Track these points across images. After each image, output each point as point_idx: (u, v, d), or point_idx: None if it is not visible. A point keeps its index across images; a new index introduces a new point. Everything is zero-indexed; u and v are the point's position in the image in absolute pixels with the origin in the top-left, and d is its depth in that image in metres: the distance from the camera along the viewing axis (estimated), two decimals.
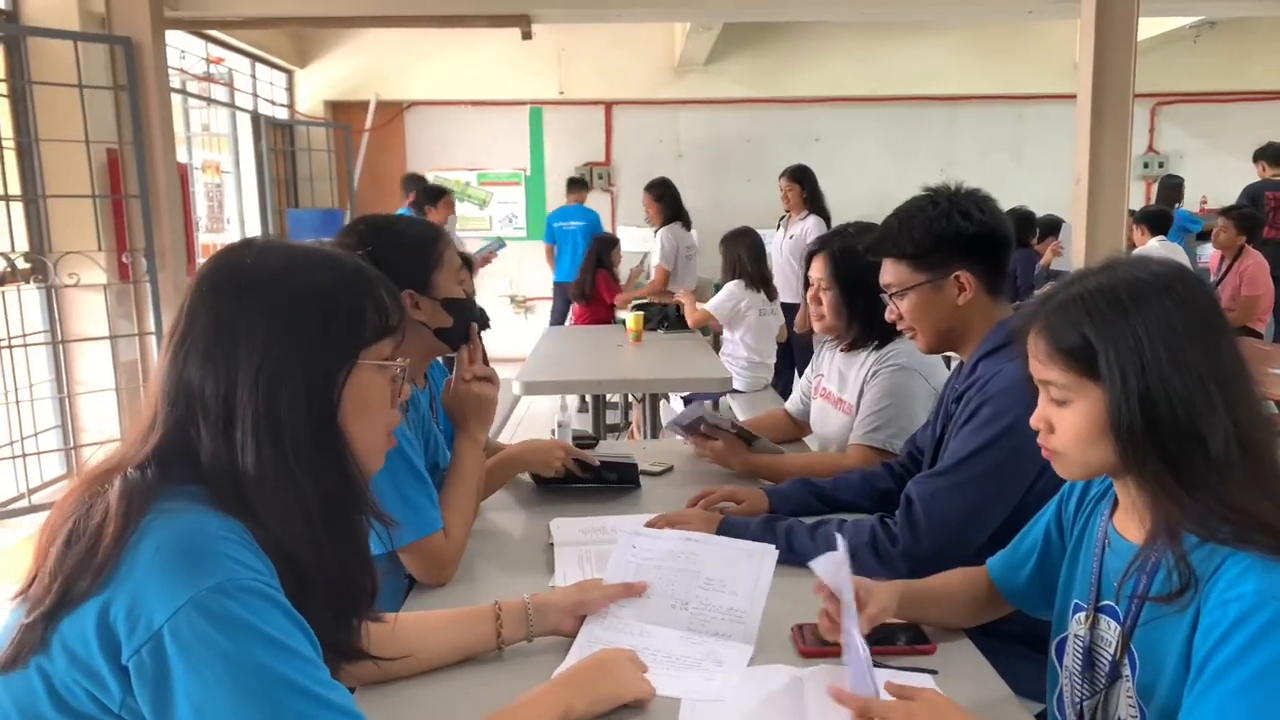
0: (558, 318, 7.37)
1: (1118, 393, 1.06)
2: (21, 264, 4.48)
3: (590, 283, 6.29)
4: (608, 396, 5.77)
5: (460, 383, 1.79)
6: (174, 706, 0.82)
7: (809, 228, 5.67)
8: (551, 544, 1.77)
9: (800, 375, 3.09)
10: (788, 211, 5.83)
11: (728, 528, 1.72)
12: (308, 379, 0.95)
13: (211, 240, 7.58)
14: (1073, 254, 5.41)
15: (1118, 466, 1.11)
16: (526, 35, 5.69)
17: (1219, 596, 1.00)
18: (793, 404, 2.71)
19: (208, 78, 7.51)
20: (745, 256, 4.93)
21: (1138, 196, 8.72)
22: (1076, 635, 1.21)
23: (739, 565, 1.40)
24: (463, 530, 1.69)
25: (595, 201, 9.03)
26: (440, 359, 1.98)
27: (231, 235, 7.91)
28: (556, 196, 9.17)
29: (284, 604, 0.87)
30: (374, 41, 8.55)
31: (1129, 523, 1.16)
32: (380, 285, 1.04)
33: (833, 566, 1.23)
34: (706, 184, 9.08)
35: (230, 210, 8.03)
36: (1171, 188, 7.61)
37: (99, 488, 0.90)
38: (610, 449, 2.48)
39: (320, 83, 8.87)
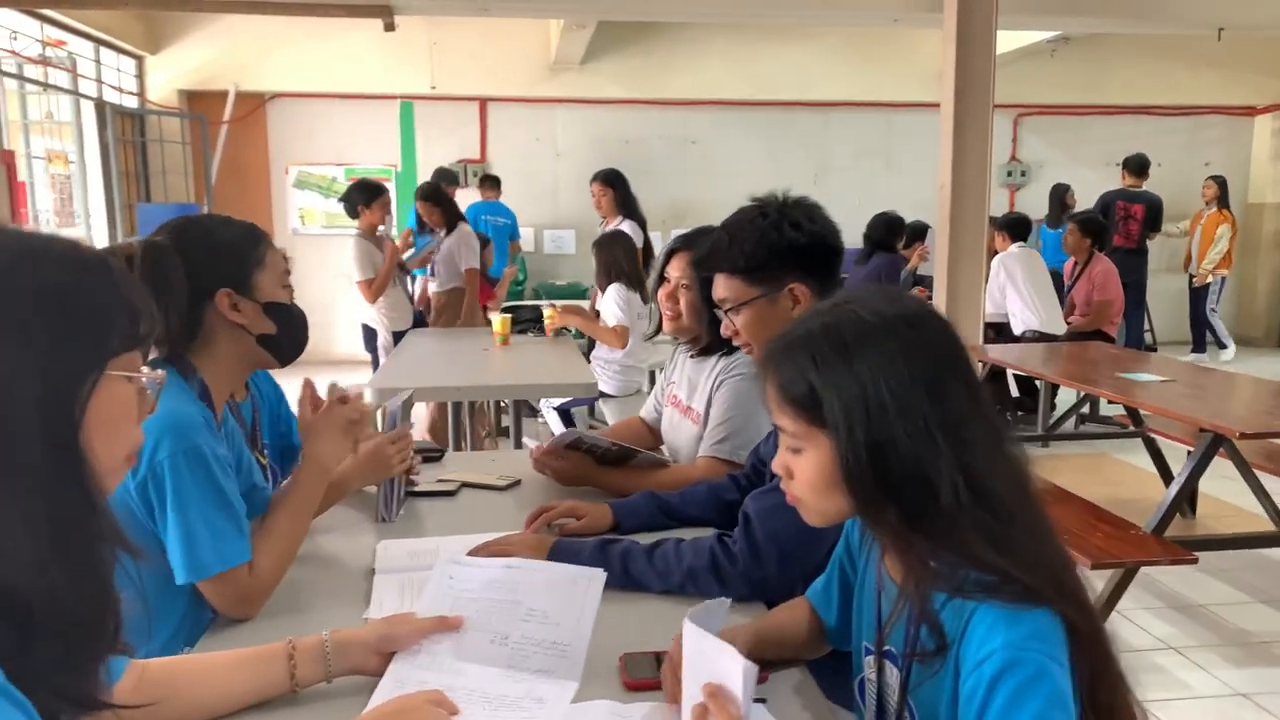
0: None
1: (844, 442, 1.02)
2: None
3: None
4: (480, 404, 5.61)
5: (334, 406, 1.65)
6: None
7: (625, 232, 5.67)
8: (374, 570, 1.62)
9: None
10: (604, 218, 5.81)
11: (560, 552, 1.61)
12: (44, 390, 0.80)
13: (68, 236, 7.05)
14: (936, 259, 5.52)
15: (855, 515, 1.07)
16: (389, 27, 5.47)
17: (973, 657, 0.96)
18: (647, 411, 2.62)
19: (44, 61, 6.99)
20: (621, 258, 4.85)
21: (1000, 203, 9.04)
22: (869, 679, 1.16)
23: (563, 592, 1.28)
24: (277, 563, 1.53)
25: (467, 198, 8.85)
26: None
27: (81, 230, 7.40)
28: None
29: None
30: (234, 28, 8.14)
31: (894, 566, 1.11)
32: (132, 288, 0.90)
33: (712, 616, 1.13)
34: (584, 184, 8.96)
35: (79, 204, 7.51)
36: (1060, 194, 7.90)
37: None
38: (467, 464, 2.35)
39: (174, 70, 8.38)
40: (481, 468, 2.27)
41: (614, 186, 5.64)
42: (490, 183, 7.71)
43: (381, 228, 5.54)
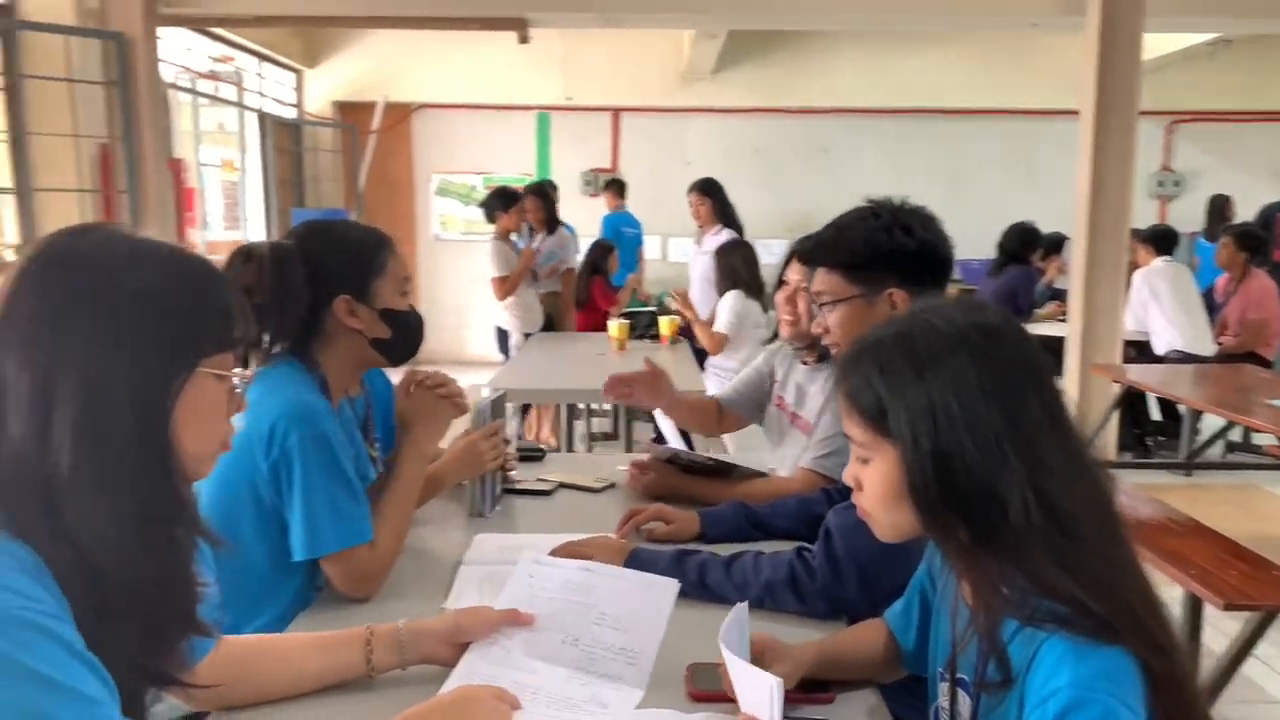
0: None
1: (909, 453, 0.99)
2: (10, 256, 4.49)
3: (585, 290, 6.23)
4: (596, 405, 5.72)
5: (423, 389, 1.74)
6: None
7: (722, 241, 5.64)
8: (460, 562, 1.70)
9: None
10: (699, 226, 5.81)
11: (638, 559, 1.63)
12: (139, 383, 0.88)
13: (231, 237, 7.61)
14: (1073, 272, 5.31)
15: (922, 530, 1.03)
16: (523, 39, 5.65)
17: (1037, 692, 0.93)
18: (727, 395, 2.55)
19: (213, 75, 7.52)
20: (740, 266, 4.87)
21: (1149, 215, 8.58)
22: (942, 706, 1.13)
23: (637, 599, 1.31)
24: (393, 543, 1.62)
25: (600, 206, 9.02)
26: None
27: (242, 233, 7.93)
28: (563, 201, 9.10)
29: (66, 636, 0.80)
30: (383, 43, 8.55)
31: (967, 589, 1.08)
32: (229, 293, 0.98)
33: (733, 633, 1.15)
34: None
35: (242, 208, 8.06)
36: (1219, 205, 7.45)
37: None
38: (568, 465, 2.43)
39: (329, 83, 8.88)
40: (581, 469, 2.34)
41: (711, 195, 5.66)
42: (617, 188, 7.79)
43: (514, 235, 5.76)
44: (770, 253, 8.78)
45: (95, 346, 0.86)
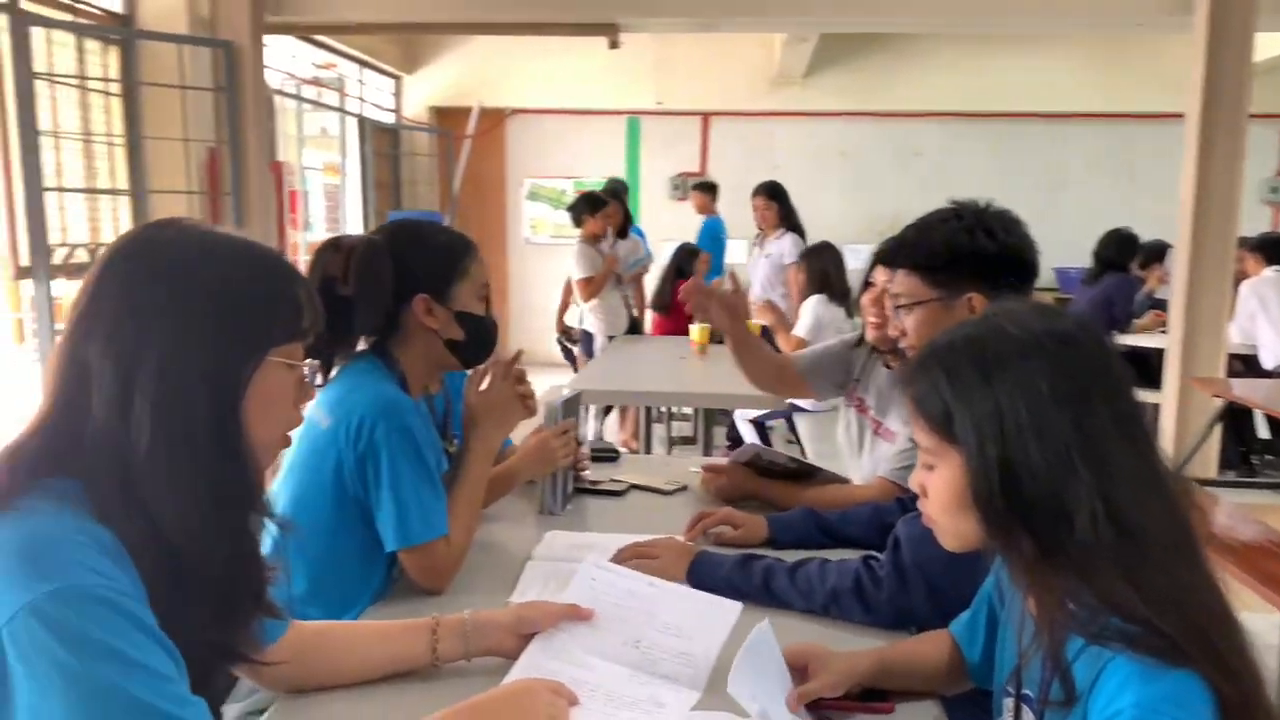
0: None
1: (975, 460, 0.97)
2: None
3: (670, 293, 6.25)
4: (677, 410, 5.74)
5: (504, 382, 1.77)
6: (13, 707, 0.80)
7: (786, 246, 5.61)
8: (529, 558, 1.74)
9: None
10: (761, 230, 5.74)
11: (703, 562, 1.64)
12: (213, 370, 0.93)
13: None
14: (1175, 282, 5.11)
15: (986, 539, 1.01)
16: (614, 45, 5.70)
17: (1100, 714, 0.90)
18: (804, 359, 2.45)
19: (317, 82, 7.79)
20: (830, 271, 4.84)
21: (1261, 222, 8.18)
22: None
23: (699, 613, 1.32)
24: (464, 538, 1.66)
25: (690, 211, 9.03)
26: None
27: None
28: (650, 205, 9.19)
29: (136, 614, 0.84)
30: (479, 50, 8.73)
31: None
32: (299, 286, 1.02)
33: (761, 652, 1.16)
34: (801, 197, 8.90)
35: (342, 211, 8.33)
36: None
37: None
38: (641, 467, 2.45)
39: (427, 89, 9.10)
40: (654, 471, 2.36)
41: (778, 198, 5.65)
42: (709, 190, 7.74)
43: (604, 242, 5.82)
44: (858, 258, 8.66)
45: (171, 335, 0.91)
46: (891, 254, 1.76)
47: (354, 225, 8.29)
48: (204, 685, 0.92)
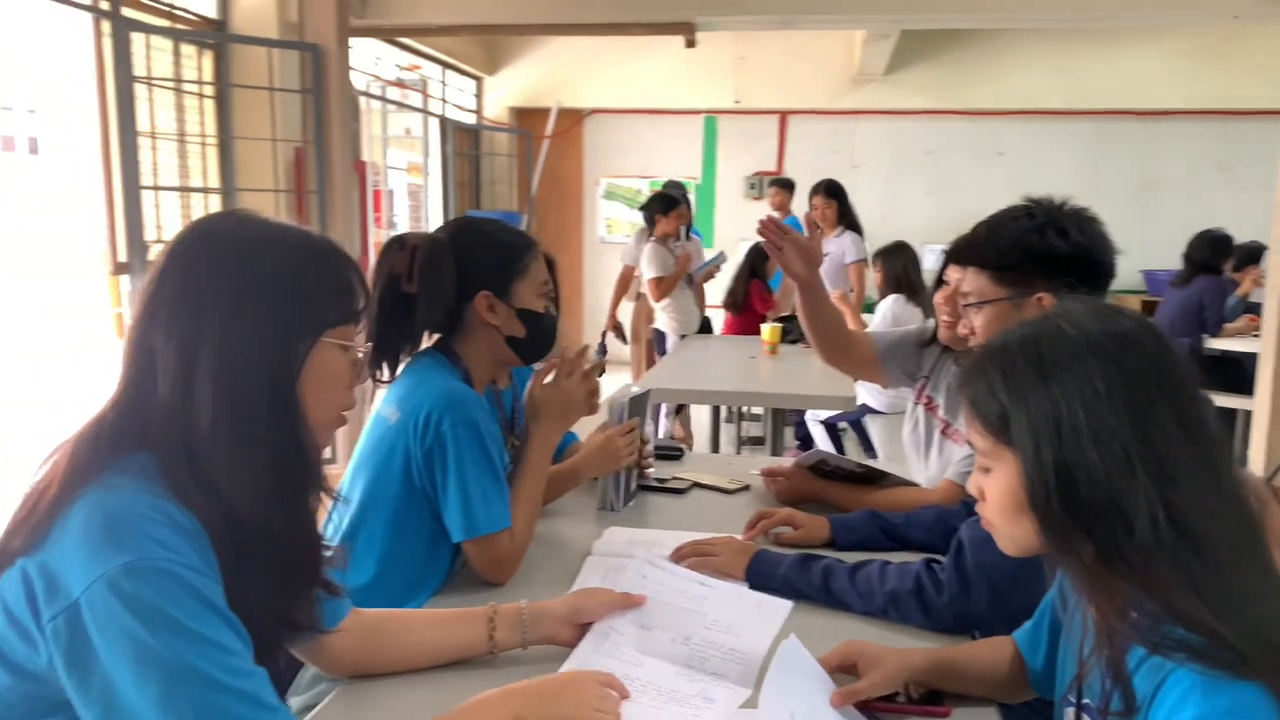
0: None
1: (1031, 463, 0.95)
2: None
3: (743, 292, 6.24)
4: (746, 409, 5.73)
5: (560, 379, 1.78)
6: (91, 675, 0.85)
7: (845, 245, 5.56)
8: (589, 553, 1.76)
9: None
10: (818, 228, 5.66)
11: (762, 560, 1.64)
12: (269, 350, 0.98)
13: None
14: (1269, 284, 4.90)
15: (1043, 544, 0.99)
16: (690, 44, 5.70)
17: None
18: (881, 339, 2.33)
19: (400, 83, 7.97)
20: (909, 270, 4.79)
21: None
22: None
23: (748, 611, 1.34)
24: (526, 531, 1.69)
25: (763, 210, 8.96)
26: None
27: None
28: (726, 205, 9.17)
29: (201, 588, 0.89)
30: (559, 50, 8.82)
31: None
32: (351, 270, 1.07)
33: (790, 668, 1.16)
34: (880, 196, 8.83)
35: (424, 210, 8.51)
36: None
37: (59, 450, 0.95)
38: (706, 465, 2.46)
39: (507, 89, 9.23)
40: (718, 470, 2.36)
41: (837, 198, 5.62)
42: (786, 187, 7.55)
43: (678, 242, 5.84)
44: (938, 258, 8.49)
45: (230, 317, 0.96)
46: (962, 252, 1.73)
47: (436, 224, 8.45)
48: (268, 658, 0.97)
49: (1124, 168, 8.45)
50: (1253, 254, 5.97)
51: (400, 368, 1.75)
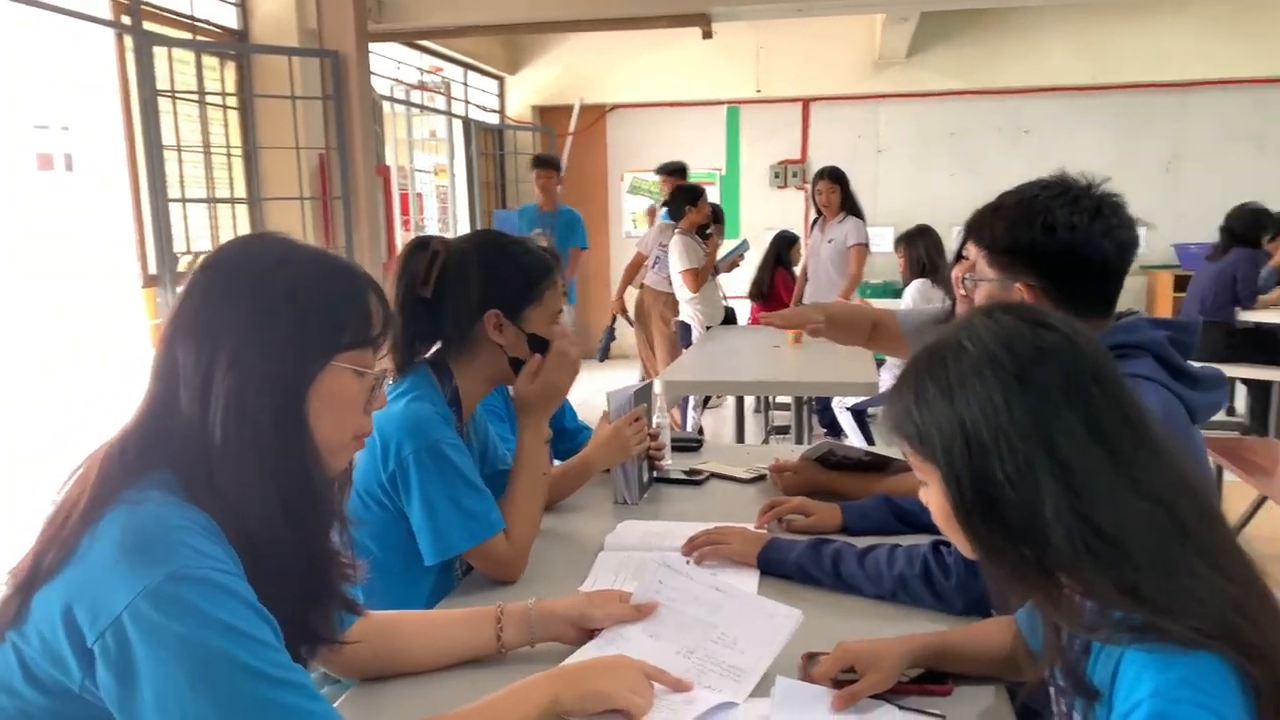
0: None
1: (948, 478, 0.97)
2: None
3: (768, 281, 6.24)
4: (774, 398, 5.72)
5: (549, 373, 1.72)
6: (138, 689, 0.86)
7: (849, 230, 5.58)
8: (603, 547, 1.77)
9: None
10: (821, 214, 5.72)
11: (774, 548, 1.65)
12: (278, 370, 0.99)
13: None
14: None
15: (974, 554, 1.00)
16: (707, 35, 5.71)
17: (1120, 707, 0.89)
18: (909, 320, 2.29)
19: (422, 86, 8.03)
20: (932, 253, 4.77)
21: None
22: (1056, 711, 1.10)
23: (758, 624, 1.33)
24: (527, 527, 1.67)
25: (791, 198, 8.93)
26: None
27: (450, 234, 8.42)
28: (751, 194, 9.15)
29: (241, 591, 0.91)
30: (580, 47, 8.83)
31: None
32: (371, 296, 1.07)
33: (789, 704, 1.18)
34: (906, 179, 8.77)
35: (451, 211, 8.57)
36: None
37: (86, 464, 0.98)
38: (724, 455, 2.45)
39: (529, 88, 9.27)
40: (737, 460, 2.36)
41: (842, 183, 5.62)
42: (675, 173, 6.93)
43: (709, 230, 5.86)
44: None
45: (244, 334, 0.98)
46: (971, 226, 1.72)
47: (464, 225, 8.51)
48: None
49: (1153, 141, 8.31)
50: None
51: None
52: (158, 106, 4.32)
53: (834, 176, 5.66)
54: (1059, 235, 1.54)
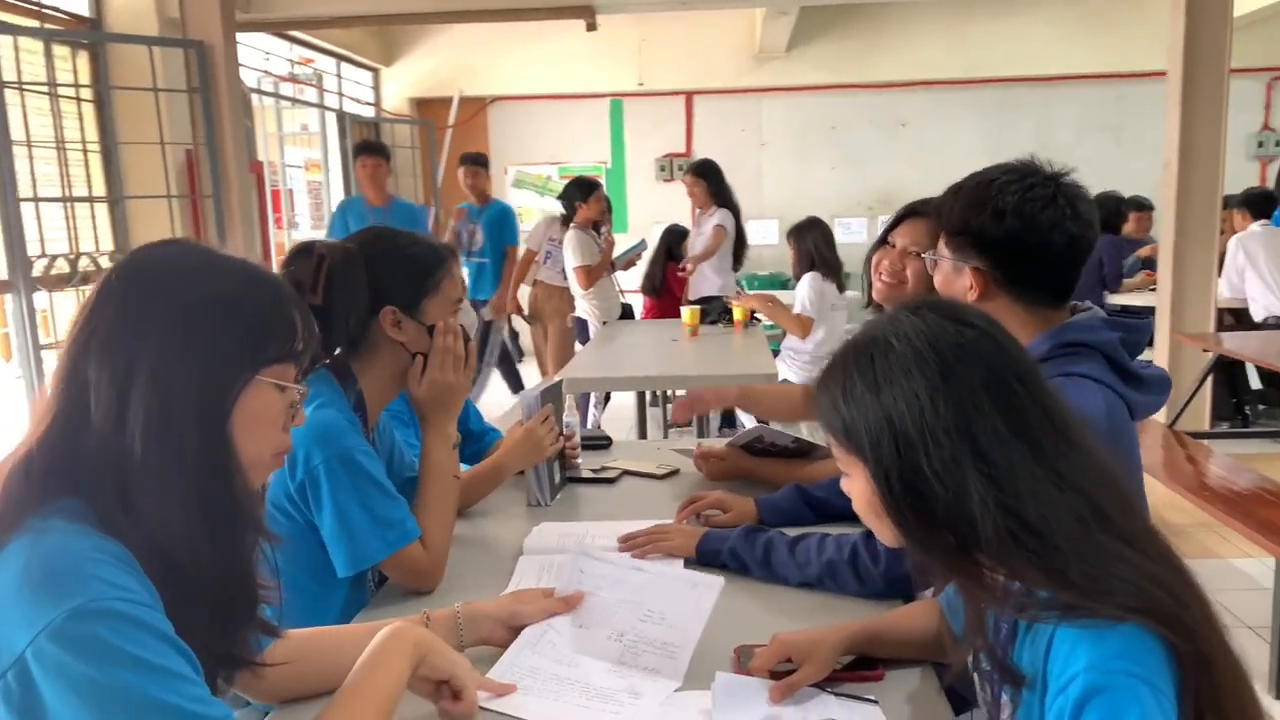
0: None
1: (875, 471, 0.99)
2: (106, 263, 4.68)
3: (660, 276, 6.24)
4: (672, 392, 5.71)
5: (433, 372, 1.66)
6: None
7: (715, 219, 5.63)
8: (521, 551, 1.72)
9: None
10: (697, 208, 5.88)
11: (709, 540, 1.66)
12: (201, 385, 0.94)
13: (318, 237, 7.76)
14: (1161, 241, 5.10)
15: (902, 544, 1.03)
16: (591, 27, 5.66)
17: (1055, 682, 0.91)
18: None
19: (293, 78, 7.72)
20: (821, 246, 4.82)
21: (1248, 177, 8.15)
22: (985, 700, 1.11)
23: (680, 595, 1.33)
24: (441, 534, 1.62)
25: (677, 192, 8.96)
26: None
27: (324, 231, 8.12)
28: (637, 188, 9.15)
29: (153, 623, 0.86)
30: (457, 39, 8.66)
31: None
32: (294, 308, 1.02)
33: (729, 702, 1.18)
34: (789, 173, 8.92)
35: (325, 208, 8.26)
36: None
37: None
38: (634, 453, 2.43)
39: (406, 80, 9.03)
40: (646, 457, 2.34)
41: (705, 177, 5.69)
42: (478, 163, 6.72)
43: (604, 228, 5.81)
44: (849, 231, 8.64)
45: (164, 349, 0.92)
46: (920, 207, 1.74)
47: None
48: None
49: (1021, 133, 8.66)
50: (1138, 203, 6.26)
51: None
52: (4, 99, 4.00)
53: (697, 170, 5.71)
54: (1006, 222, 1.53)
